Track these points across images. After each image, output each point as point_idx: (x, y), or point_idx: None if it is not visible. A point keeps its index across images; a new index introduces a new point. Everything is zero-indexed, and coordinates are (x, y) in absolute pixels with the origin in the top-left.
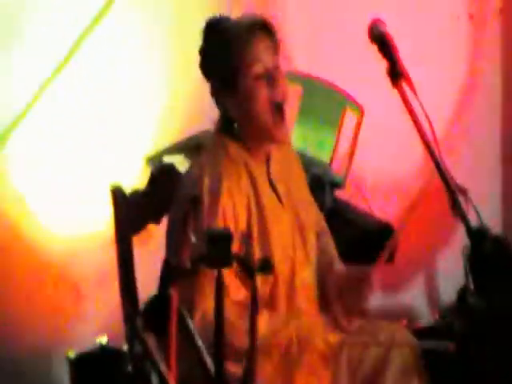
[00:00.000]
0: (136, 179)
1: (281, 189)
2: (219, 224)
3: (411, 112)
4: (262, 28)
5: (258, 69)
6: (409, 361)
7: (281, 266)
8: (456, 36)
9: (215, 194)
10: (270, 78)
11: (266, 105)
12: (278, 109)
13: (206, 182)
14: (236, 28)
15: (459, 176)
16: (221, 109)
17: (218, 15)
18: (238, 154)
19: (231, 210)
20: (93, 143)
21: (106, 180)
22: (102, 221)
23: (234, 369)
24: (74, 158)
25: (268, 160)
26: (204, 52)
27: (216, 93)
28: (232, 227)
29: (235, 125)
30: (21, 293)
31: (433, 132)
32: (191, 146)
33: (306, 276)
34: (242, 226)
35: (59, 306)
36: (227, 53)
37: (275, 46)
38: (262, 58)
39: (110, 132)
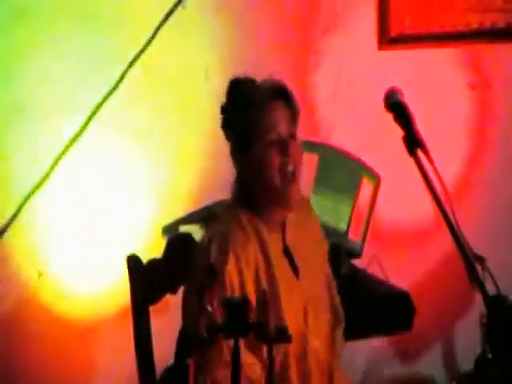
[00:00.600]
0: (152, 249)
1: (297, 256)
2: (226, 292)
3: (427, 180)
4: (282, 95)
5: (271, 136)
6: None
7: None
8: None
9: (222, 262)
10: (283, 145)
11: (276, 171)
12: (289, 176)
13: (214, 248)
14: (256, 92)
15: (476, 244)
16: (237, 170)
17: (242, 76)
18: (249, 222)
19: (237, 279)
20: (108, 213)
21: (122, 250)
22: (119, 288)
23: None
24: (90, 227)
25: (284, 226)
26: (224, 112)
27: (232, 154)
28: (233, 293)
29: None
30: (37, 360)
31: (449, 200)
32: (206, 216)
33: (317, 347)
34: (251, 296)
35: (74, 374)
36: (244, 117)
37: (293, 114)
38: (277, 126)
39: (123, 201)
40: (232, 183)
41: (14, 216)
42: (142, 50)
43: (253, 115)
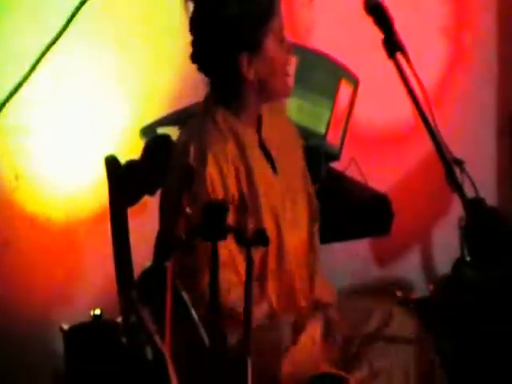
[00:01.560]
0: (130, 151)
1: (273, 153)
2: (207, 193)
3: (406, 83)
4: None
5: (281, 35)
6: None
7: (270, 233)
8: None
9: (201, 163)
10: (288, 44)
11: (284, 64)
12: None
13: (192, 150)
14: None
15: (454, 147)
16: (229, 77)
17: None
18: (224, 120)
19: (219, 179)
20: (87, 115)
21: (101, 152)
22: (97, 190)
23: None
24: (69, 125)
25: (259, 123)
26: (219, 14)
27: (226, 56)
28: (222, 196)
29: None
30: (15, 265)
31: (428, 103)
32: (185, 117)
33: (296, 241)
34: (233, 194)
35: (53, 277)
36: (254, 17)
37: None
38: (282, 23)
39: (101, 102)
40: (207, 84)
41: None
42: None
43: (264, 14)
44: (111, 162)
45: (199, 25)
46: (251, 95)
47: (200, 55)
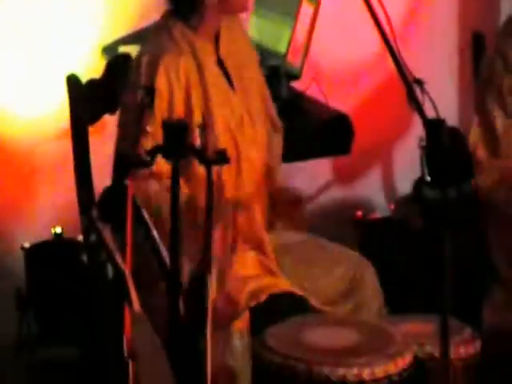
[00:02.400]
0: (91, 69)
1: (231, 70)
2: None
3: (368, 3)
4: None
5: None
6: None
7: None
8: None
9: (151, 74)
10: None
11: None
12: None
13: (144, 61)
14: None
15: (415, 67)
16: None
17: None
18: (182, 35)
19: (167, 92)
20: (48, 32)
21: (61, 69)
22: (58, 109)
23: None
24: (29, 45)
25: (217, 39)
26: None
27: None
28: (166, 108)
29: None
30: None
31: (389, 21)
32: (144, 36)
33: (253, 157)
34: (180, 109)
35: (14, 196)
36: None
37: None
38: None
39: (65, 19)
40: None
41: None
42: None
43: None
44: (72, 81)
45: None
46: (210, 9)
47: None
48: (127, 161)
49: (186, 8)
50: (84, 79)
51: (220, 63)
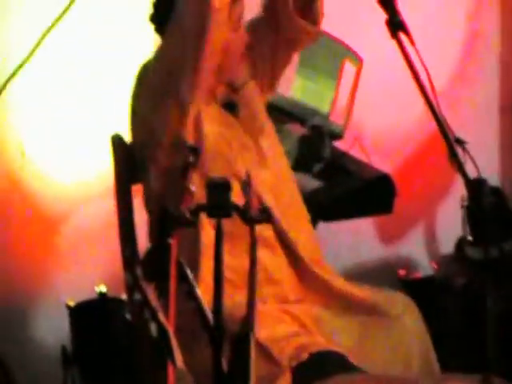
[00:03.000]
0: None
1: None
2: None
3: (409, 63)
4: None
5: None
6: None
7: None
8: None
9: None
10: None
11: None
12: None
13: None
14: None
15: (458, 127)
16: None
17: None
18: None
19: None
20: (93, 94)
21: (107, 131)
22: (102, 170)
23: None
24: (74, 108)
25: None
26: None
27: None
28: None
29: None
30: (21, 242)
31: (431, 83)
32: None
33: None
34: None
35: (59, 254)
36: None
37: None
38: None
39: (110, 83)
40: None
41: None
42: None
43: None
44: (116, 141)
45: None
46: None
47: (157, 17)
48: (171, 220)
49: None
50: (128, 140)
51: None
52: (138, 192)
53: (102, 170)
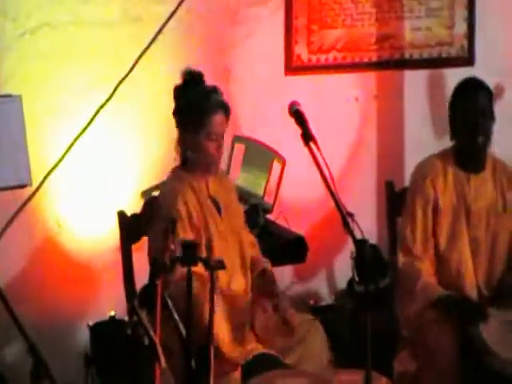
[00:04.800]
0: (135, 207)
1: (220, 204)
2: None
3: (317, 162)
4: (223, 107)
5: (212, 135)
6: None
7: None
8: (348, 112)
9: (173, 206)
10: (219, 140)
11: (211, 153)
12: (217, 155)
13: (165, 200)
14: (205, 99)
15: (349, 204)
16: (181, 146)
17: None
18: (185, 178)
19: (186, 214)
20: (107, 182)
21: (115, 206)
22: (111, 235)
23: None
24: (96, 190)
25: (207, 183)
26: (178, 111)
27: (184, 134)
28: (187, 224)
29: (188, 154)
30: (57, 283)
31: (331, 175)
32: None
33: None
34: (197, 224)
35: (83, 289)
36: (194, 119)
37: (227, 120)
38: (217, 129)
39: (116, 171)
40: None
41: (41, 183)
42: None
43: (202, 118)
44: (121, 215)
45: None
46: (197, 164)
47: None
48: (158, 267)
49: (184, 160)
50: (129, 212)
51: (211, 199)
52: (136, 249)
53: (112, 234)
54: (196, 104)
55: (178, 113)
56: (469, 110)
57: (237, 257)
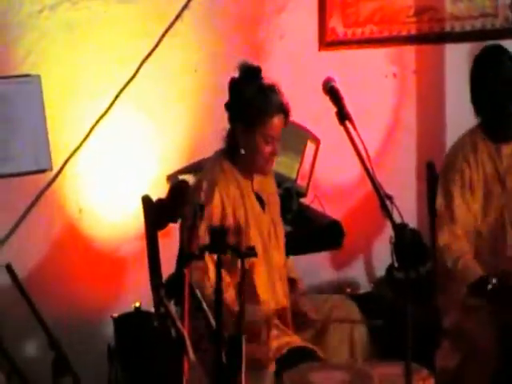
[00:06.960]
0: (160, 192)
1: (264, 199)
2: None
3: (353, 142)
4: (284, 110)
5: (269, 138)
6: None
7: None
8: (385, 88)
9: (209, 197)
10: (274, 143)
11: (264, 156)
12: (271, 162)
13: (204, 187)
14: (265, 99)
15: (387, 186)
16: (232, 140)
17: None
18: (230, 170)
19: (220, 209)
20: (131, 165)
21: (139, 190)
22: (136, 221)
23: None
24: (119, 174)
25: (252, 179)
26: (240, 98)
27: (238, 130)
28: (217, 221)
29: (241, 151)
30: (80, 273)
31: (368, 156)
32: (197, 168)
33: (277, 258)
34: (230, 221)
35: (106, 280)
36: (253, 117)
37: (285, 123)
38: (274, 132)
39: (139, 154)
40: (224, 140)
41: (62, 168)
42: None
43: (259, 120)
44: (146, 200)
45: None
46: (247, 163)
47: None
48: (185, 255)
49: (232, 152)
50: (154, 198)
51: (256, 194)
52: (162, 236)
53: (137, 220)
54: (255, 103)
55: (233, 108)
56: (492, 79)
57: (277, 255)
